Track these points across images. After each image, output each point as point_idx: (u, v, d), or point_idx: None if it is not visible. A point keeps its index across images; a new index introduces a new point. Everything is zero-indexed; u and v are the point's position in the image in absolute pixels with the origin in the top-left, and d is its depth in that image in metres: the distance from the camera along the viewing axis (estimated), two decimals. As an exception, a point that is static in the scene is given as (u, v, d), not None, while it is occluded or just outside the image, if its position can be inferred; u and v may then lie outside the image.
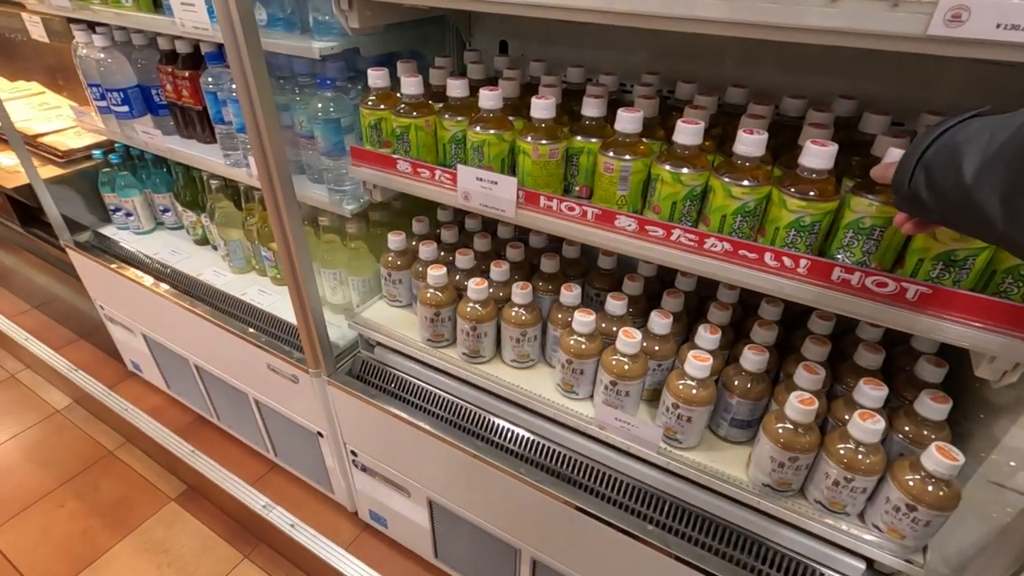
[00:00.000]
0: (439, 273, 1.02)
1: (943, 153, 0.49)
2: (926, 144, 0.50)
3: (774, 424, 0.79)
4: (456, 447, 1.04)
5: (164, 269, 1.54)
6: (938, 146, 0.50)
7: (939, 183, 0.49)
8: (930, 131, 0.51)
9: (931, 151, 0.50)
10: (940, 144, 0.49)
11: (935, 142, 0.50)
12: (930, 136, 0.50)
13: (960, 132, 0.48)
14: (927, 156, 0.50)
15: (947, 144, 0.49)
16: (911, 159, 0.52)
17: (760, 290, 0.71)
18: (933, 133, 0.50)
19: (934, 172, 0.50)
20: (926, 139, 0.51)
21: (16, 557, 1.60)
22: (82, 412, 2.07)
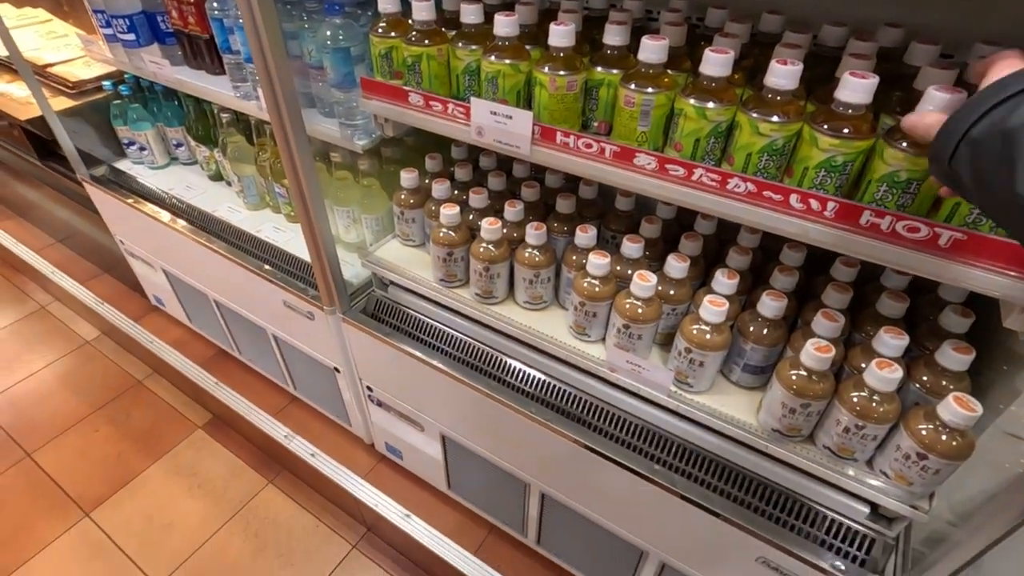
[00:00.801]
0: (452, 212, 1.00)
1: (995, 137, 0.39)
2: (977, 115, 0.40)
3: (788, 371, 0.78)
4: (468, 386, 1.05)
5: (180, 205, 1.54)
6: (991, 122, 0.40)
7: (987, 174, 0.40)
8: (985, 95, 0.41)
9: (982, 126, 0.40)
10: (994, 121, 0.39)
11: (988, 115, 0.40)
12: (983, 105, 0.40)
13: (1021, 111, 0.38)
14: (976, 132, 0.41)
15: (1001, 126, 0.39)
16: (956, 130, 0.42)
17: (784, 234, 0.69)
18: (987, 101, 0.40)
19: (982, 158, 0.40)
20: (978, 107, 0.41)
21: (58, 476, 1.71)
22: (110, 343, 2.15)
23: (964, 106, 0.42)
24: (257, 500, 1.64)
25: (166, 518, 1.60)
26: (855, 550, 0.81)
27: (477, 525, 1.44)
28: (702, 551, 0.95)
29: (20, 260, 2.37)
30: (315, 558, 1.51)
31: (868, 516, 0.81)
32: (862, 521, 0.81)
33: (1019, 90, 0.39)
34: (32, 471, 1.72)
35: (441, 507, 1.48)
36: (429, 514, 1.43)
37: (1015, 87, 0.39)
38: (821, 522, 0.83)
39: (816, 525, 0.84)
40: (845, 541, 0.82)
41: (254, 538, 1.55)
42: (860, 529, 0.81)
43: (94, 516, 1.61)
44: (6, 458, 1.75)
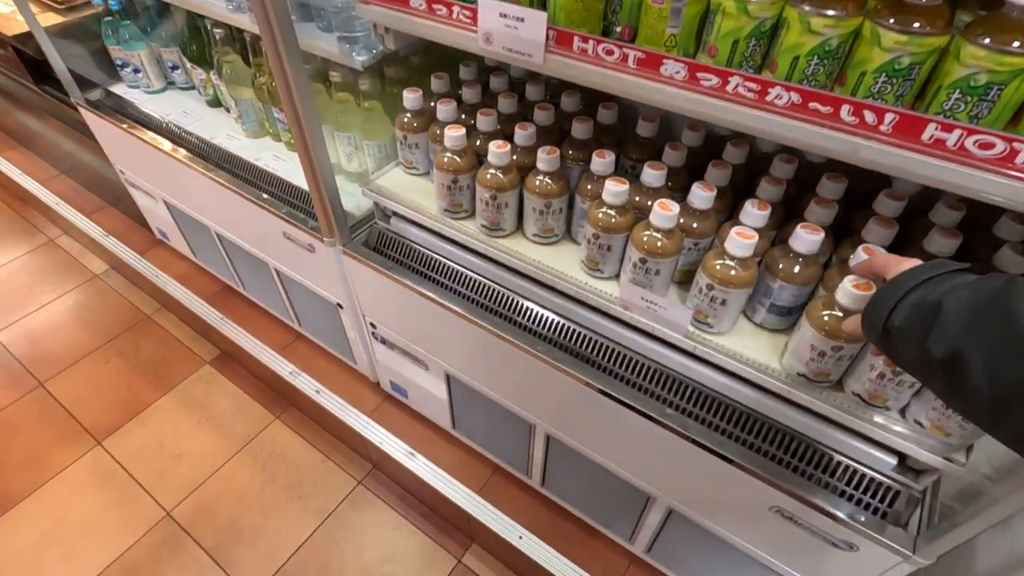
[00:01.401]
0: (457, 134, 0.91)
1: (918, 308, 0.49)
2: (901, 293, 0.51)
3: (820, 311, 0.71)
4: (473, 324, 1.00)
5: (177, 131, 1.46)
6: (914, 298, 0.50)
7: (910, 335, 0.49)
8: (904, 280, 0.51)
9: (907, 302, 0.50)
10: (915, 298, 0.50)
11: (910, 294, 0.50)
12: (906, 285, 0.51)
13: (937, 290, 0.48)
14: (901, 307, 0.50)
15: (923, 299, 0.49)
16: (888, 300, 0.51)
17: (829, 154, 0.60)
18: (907, 284, 0.51)
19: (909, 323, 0.49)
20: (901, 287, 0.51)
21: (70, 405, 1.72)
22: (119, 278, 2.13)
23: (895, 279, 0.52)
24: (265, 434, 1.65)
25: (176, 449, 1.62)
26: (877, 502, 0.77)
27: (481, 465, 1.43)
28: (713, 498, 0.91)
29: (27, 192, 2.34)
30: (322, 492, 1.52)
31: (895, 468, 0.76)
32: (887, 473, 0.76)
33: (930, 276, 0.50)
34: (45, 400, 1.74)
35: (446, 446, 1.47)
36: (434, 453, 1.42)
37: (925, 275, 0.51)
38: (843, 473, 0.78)
39: (837, 476, 0.79)
40: (867, 493, 0.77)
41: (262, 471, 1.57)
42: (884, 481, 0.76)
43: (106, 444, 1.63)
44: (20, 386, 1.77)
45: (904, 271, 0.53)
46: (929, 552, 0.70)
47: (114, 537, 1.43)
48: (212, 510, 1.48)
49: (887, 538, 0.72)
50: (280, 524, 1.45)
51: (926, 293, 0.49)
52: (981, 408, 0.44)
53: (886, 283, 0.53)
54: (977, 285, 0.46)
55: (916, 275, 0.51)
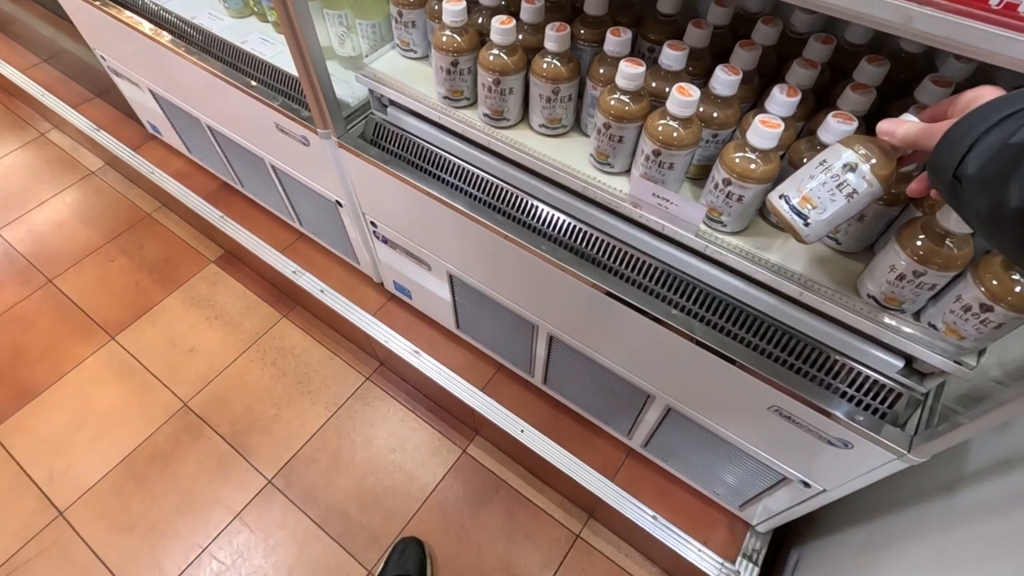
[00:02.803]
0: (457, 8, 0.82)
1: (1006, 149, 0.40)
2: (986, 126, 0.42)
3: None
4: (476, 221, 0.96)
5: (155, 10, 1.34)
6: (999, 135, 0.41)
7: (992, 183, 0.41)
8: (988, 109, 0.43)
9: (991, 138, 0.41)
10: (1002, 134, 0.41)
11: (997, 127, 0.41)
12: (992, 117, 0.42)
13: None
14: (984, 142, 0.41)
15: (1009, 139, 0.40)
16: (963, 140, 0.43)
17: (877, 24, 0.52)
18: (994, 115, 0.42)
19: (990, 167, 0.41)
20: (985, 120, 0.42)
21: (80, 301, 1.75)
22: (115, 174, 2.08)
23: (969, 115, 0.44)
24: (273, 332, 1.68)
25: (188, 344, 1.66)
26: (877, 403, 0.77)
27: (485, 364, 1.46)
28: (713, 398, 0.92)
29: (9, 82, 2.23)
30: (332, 386, 1.57)
31: (900, 371, 0.75)
32: (892, 375, 0.75)
33: (1013, 111, 0.41)
34: (56, 296, 1.76)
35: (450, 345, 1.49)
36: (438, 352, 1.44)
37: (1008, 109, 0.41)
38: (847, 374, 0.77)
39: (840, 378, 0.78)
40: (869, 394, 0.77)
41: (272, 366, 1.61)
42: (887, 383, 0.75)
43: (120, 339, 1.67)
44: (29, 283, 1.79)
45: (981, 106, 0.44)
46: (924, 451, 0.70)
47: (136, 424, 1.51)
48: (226, 402, 1.54)
49: (883, 437, 0.73)
50: (292, 415, 1.52)
51: (1008, 131, 0.40)
52: None
53: (957, 121, 0.45)
54: None
55: (996, 109, 0.42)
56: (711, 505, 1.24)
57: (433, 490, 1.40)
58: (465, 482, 1.41)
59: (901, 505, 0.91)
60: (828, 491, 0.90)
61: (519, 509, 1.37)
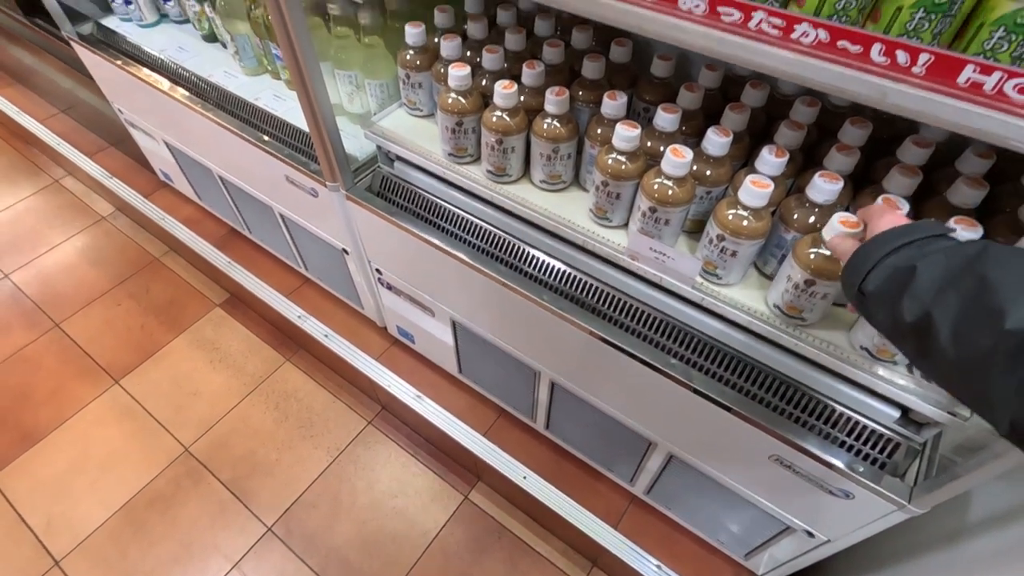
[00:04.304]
0: (462, 73, 0.87)
1: (896, 272, 0.49)
2: (881, 254, 0.50)
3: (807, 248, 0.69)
4: (479, 271, 0.99)
5: (173, 68, 1.41)
6: (890, 263, 0.50)
7: (885, 299, 0.49)
8: (886, 239, 0.51)
9: (884, 266, 0.50)
10: (891, 262, 0.50)
11: (889, 256, 0.50)
12: (886, 247, 0.51)
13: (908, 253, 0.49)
14: (879, 270, 0.50)
15: (896, 264, 0.49)
16: (865, 264, 0.51)
17: (856, 98, 0.56)
18: (888, 245, 0.51)
19: (885, 287, 0.50)
20: (881, 248, 0.51)
21: (86, 345, 1.76)
22: (126, 220, 2.13)
23: (873, 240, 0.53)
24: (276, 376, 1.69)
25: (192, 387, 1.66)
26: (876, 452, 0.77)
27: (487, 408, 1.46)
28: (714, 446, 0.93)
29: (28, 132, 2.31)
30: (334, 430, 1.57)
31: (897, 420, 0.76)
32: (889, 425, 0.77)
33: (908, 241, 0.50)
34: (62, 339, 1.78)
35: (452, 390, 1.50)
36: (440, 396, 1.45)
37: (905, 238, 0.51)
38: (845, 424, 0.79)
39: (839, 427, 0.79)
40: (868, 444, 0.78)
41: (275, 409, 1.61)
42: (886, 433, 0.76)
43: (124, 383, 1.68)
44: (37, 327, 1.81)
45: (883, 233, 0.52)
46: (924, 502, 0.71)
47: (137, 469, 1.50)
48: (228, 446, 1.54)
49: (883, 487, 0.73)
50: (294, 460, 1.51)
51: (902, 258, 0.49)
52: (947, 372, 0.44)
53: (863, 244, 0.53)
54: (954, 251, 0.46)
55: (895, 238, 0.51)
56: (716, 554, 1.23)
57: (435, 537, 1.38)
58: (467, 529, 1.40)
59: (907, 555, 0.90)
60: (833, 541, 0.89)
61: (521, 557, 1.35)
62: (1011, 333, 0.39)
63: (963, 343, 0.42)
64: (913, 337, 0.47)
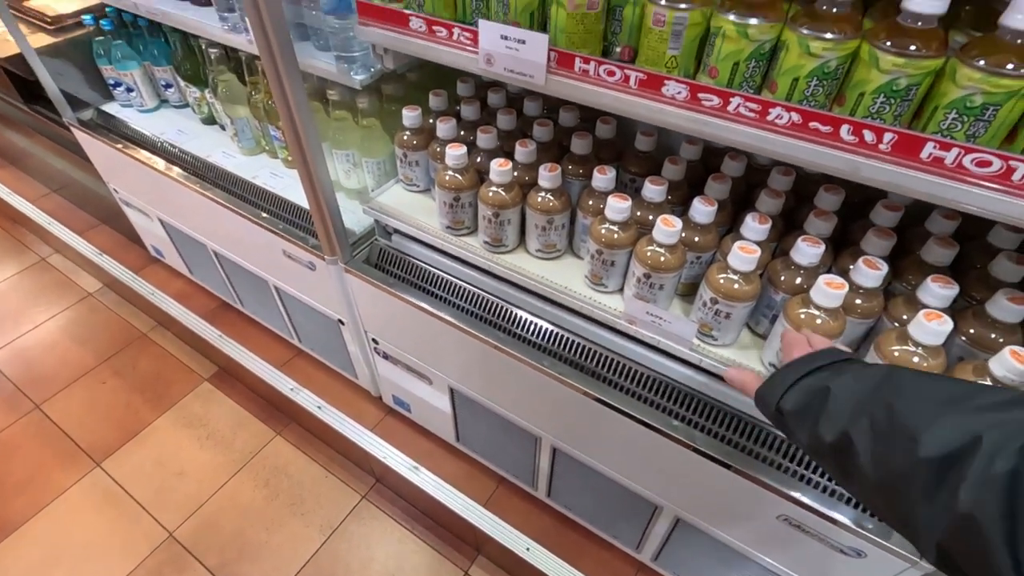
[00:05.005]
0: (458, 153, 0.92)
1: (809, 395, 0.53)
2: (793, 379, 0.55)
3: (797, 308, 0.72)
4: (477, 339, 1.01)
5: (172, 150, 1.46)
6: (804, 385, 0.54)
7: (804, 420, 0.52)
8: (798, 365, 0.56)
9: (797, 389, 0.54)
10: (805, 385, 0.54)
11: (800, 381, 0.54)
12: (799, 371, 0.55)
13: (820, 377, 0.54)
14: (792, 393, 0.54)
15: (811, 386, 0.53)
16: (774, 392, 0.56)
17: (831, 171, 0.61)
18: (799, 371, 0.55)
19: (800, 409, 0.53)
20: (795, 373, 0.55)
21: (67, 426, 1.71)
22: (113, 296, 2.12)
23: (790, 364, 0.57)
24: (266, 451, 1.64)
25: (177, 467, 1.61)
26: (883, 508, 0.78)
27: (487, 477, 1.43)
28: (720, 508, 0.92)
29: (17, 211, 2.32)
30: (326, 507, 1.52)
31: (899, 474, 0.77)
32: (892, 479, 0.77)
33: (819, 366, 0.55)
34: (42, 422, 1.72)
35: (450, 459, 1.47)
36: (438, 466, 1.42)
37: (816, 363, 0.56)
38: (848, 480, 0.79)
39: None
40: (873, 499, 0.78)
41: (264, 487, 1.56)
42: (889, 487, 0.77)
43: (105, 466, 1.61)
44: (16, 409, 1.75)
45: (796, 359, 0.57)
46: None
47: (116, 561, 1.42)
48: (215, 528, 1.47)
49: (893, 543, 0.73)
50: (284, 540, 1.45)
51: (816, 379, 0.53)
52: (871, 495, 0.45)
53: (779, 369, 0.58)
54: (862, 374, 0.50)
55: (806, 363, 0.55)
56: (729, 622, 1.18)
57: (435, 619, 1.32)
58: (468, 608, 1.33)
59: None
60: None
61: (527, 636, 1.29)
62: (926, 461, 0.39)
63: (881, 466, 0.43)
64: (833, 457, 0.48)
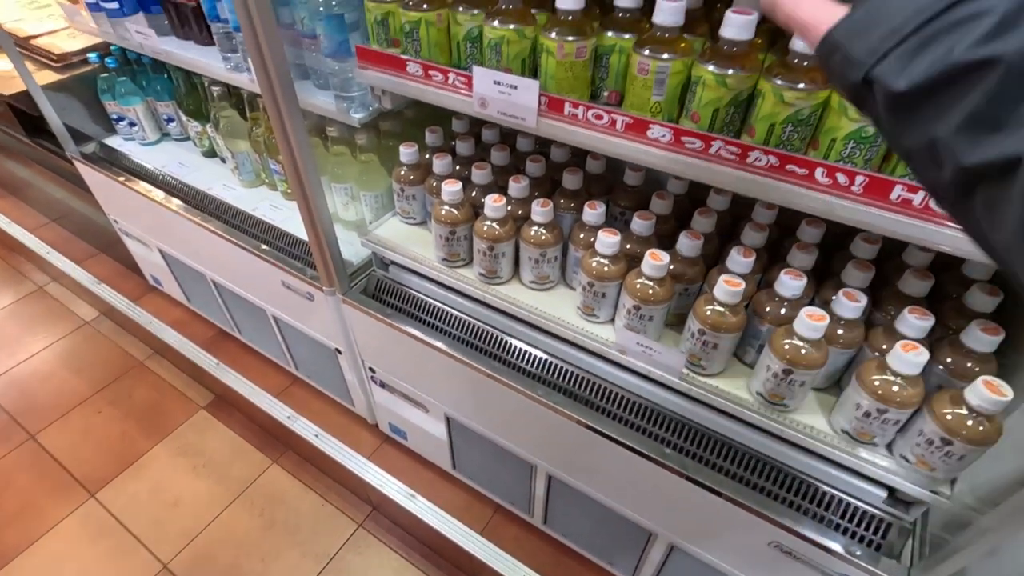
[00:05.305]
0: (454, 189, 0.95)
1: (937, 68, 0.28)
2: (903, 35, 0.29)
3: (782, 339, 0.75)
4: (472, 367, 1.03)
5: (173, 183, 1.49)
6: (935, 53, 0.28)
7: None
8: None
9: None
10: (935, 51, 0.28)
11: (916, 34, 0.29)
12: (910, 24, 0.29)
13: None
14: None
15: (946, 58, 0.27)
16: (876, 29, 0.30)
17: (808, 210, 0.65)
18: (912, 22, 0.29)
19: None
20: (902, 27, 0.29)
21: (62, 457, 1.70)
22: (110, 324, 2.13)
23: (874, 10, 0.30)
24: (262, 479, 1.64)
25: (172, 497, 1.60)
26: (871, 534, 0.80)
27: (483, 505, 1.44)
28: (713, 534, 0.94)
29: (15, 240, 2.34)
30: (322, 536, 1.51)
31: (885, 500, 0.79)
32: (879, 505, 0.80)
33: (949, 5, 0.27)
34: (36, 452, 1.72)
35: (447, 487, 1.47)
36: (434, 494, 1.43)
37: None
38: (836, 506, 0.81)
39: (831, 509, 0.82)
40: (861, 525, 0.80)
41: (260, 516, 1.55)
42: (876, 513, 0.79)
43: (99, 497, 1.61)
44: (10, 440, 1.75)
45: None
46: (923, 583, 0.73)
47: (110, 593, 1.41)
48: (211, 558, 1.47)
49: (881, 570, 0.75)
50: (280, 570, 1.44)
51: (948, 46, 0.28)
52: None
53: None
54: None
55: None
56: (726, 650, 1.18)
57: (432, 651, 1.31)
58: (466, 639, 1.33)
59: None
60: (841, 629, 0.88)
61: (525, 667, 1.28)
62: None
63: None
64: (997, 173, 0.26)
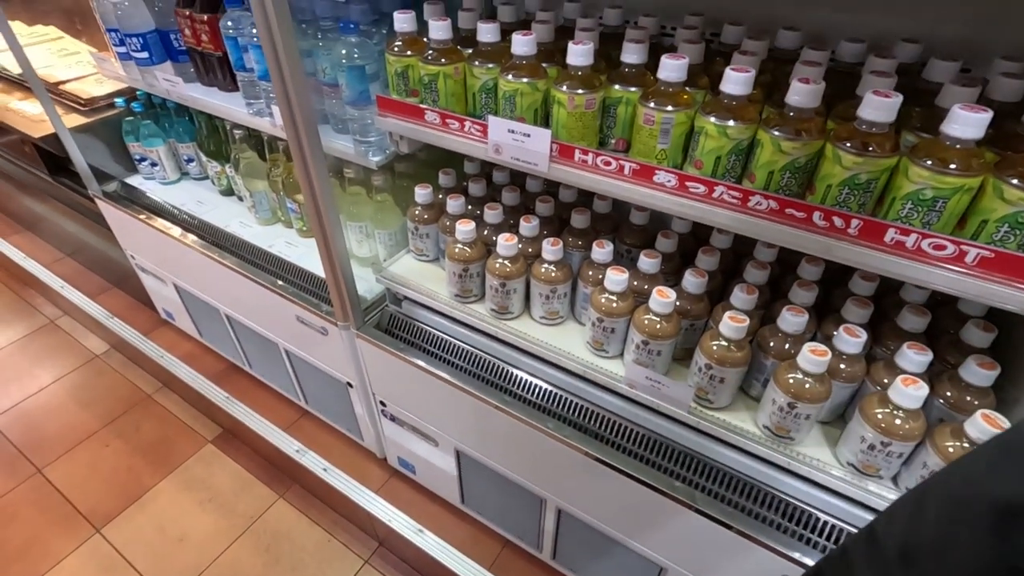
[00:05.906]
0: (467, 228, 1.00)
1: None
2: None
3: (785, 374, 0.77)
4: (483, 401, 1.05)
5: (192, 220, 1.54)
6: None
7: None
8: None
9: None
10: None
11: None
12: None
13: None
14: None
15: None
16: None
17: (807, 251, 0.68)
18: None
19: None
20: None
21: (68, 491, 1.70)
22: (120, 357, 2.15)
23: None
24: (269, 514, 1.63)
25: (177, 533, 1.59)
26: (880, 567, 0.80)
27: (491, 540, 1.43)
28: (723, 567, 0.94)
29: (29, 274, 2.38)
30: (328, 572, 1.50)
31: (893, 533, 0.80)
32: (887, 538, 0.81)
33: None
34: (43, 487, 1.72)
35: (455, 521, 1.47)
36: (442, 529, 1.42)
37: None
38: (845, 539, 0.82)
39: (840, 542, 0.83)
40: (870, 558, 0.81)
41: (265, 552, 1.54)
42: (885, 546, 0.80)
43: (105, 532, 1.60)
44: (17, 474, 1.75)
45: None
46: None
47: (113, 632, 1.39)
48: (215, 598, 1.45)
49: (893, 603, 0.76)
50: (286, 610, 1.43)
51: None
52: None
53: None
54: None
55: None
56: None
57: None
58: None
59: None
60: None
61: None
62: None
63: None
64: None
